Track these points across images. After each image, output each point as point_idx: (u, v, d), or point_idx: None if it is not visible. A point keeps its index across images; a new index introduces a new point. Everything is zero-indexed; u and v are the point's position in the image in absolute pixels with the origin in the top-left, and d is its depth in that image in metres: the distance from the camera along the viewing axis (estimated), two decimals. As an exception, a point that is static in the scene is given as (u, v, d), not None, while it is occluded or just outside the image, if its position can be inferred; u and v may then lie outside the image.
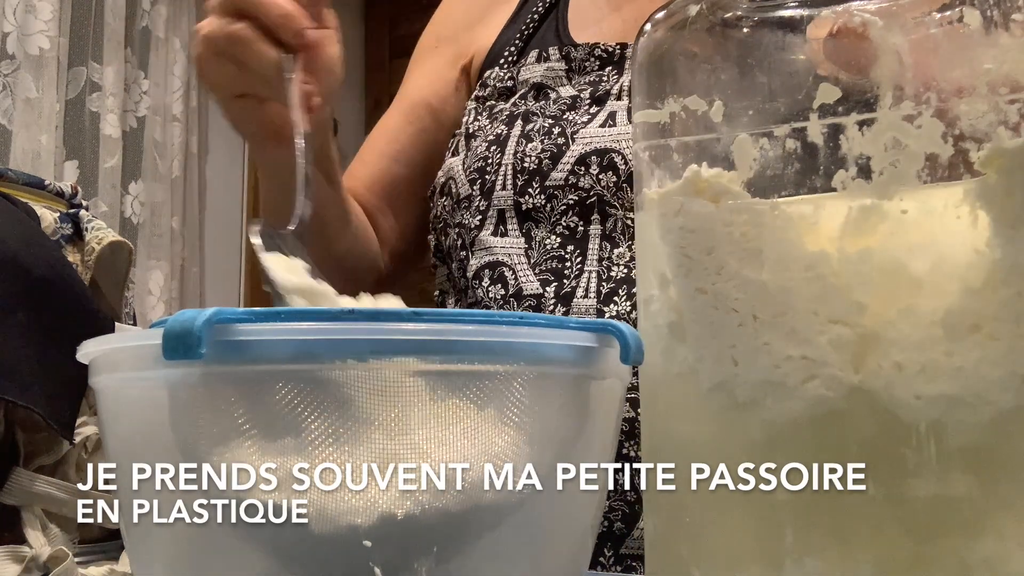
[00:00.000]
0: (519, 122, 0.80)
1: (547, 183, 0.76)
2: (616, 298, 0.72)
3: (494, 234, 0.78)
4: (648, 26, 0.44)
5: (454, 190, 0.82)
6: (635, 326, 0.40)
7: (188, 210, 3.01)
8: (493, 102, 0.84)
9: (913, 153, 0.37)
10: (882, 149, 0.38)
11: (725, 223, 0.40)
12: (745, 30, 0.42)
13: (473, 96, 0.87)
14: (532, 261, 0.76)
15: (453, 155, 0.85)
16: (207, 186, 3.11)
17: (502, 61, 0.86)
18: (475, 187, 0.79)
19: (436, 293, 0.89)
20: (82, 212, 0.71)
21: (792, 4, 0.41)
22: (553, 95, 0.81)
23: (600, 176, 0.74)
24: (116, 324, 0.64)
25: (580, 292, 0.73)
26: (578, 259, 0.74)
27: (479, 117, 0.84)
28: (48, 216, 0.68)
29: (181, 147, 2.95)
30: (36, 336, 0.56)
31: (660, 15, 0.44)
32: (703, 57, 0.43)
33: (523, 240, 0.77)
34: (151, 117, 2.90)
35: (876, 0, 0.39)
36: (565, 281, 0.74)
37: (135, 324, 0.75)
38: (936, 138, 0.37)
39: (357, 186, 0.89)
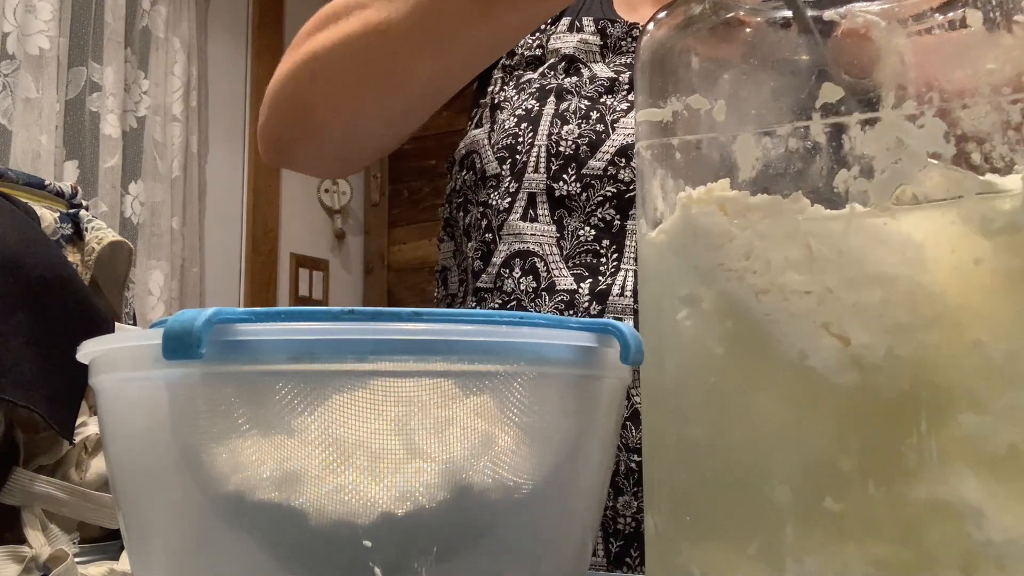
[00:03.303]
0: (552, 99, 0.76)
1: (584, 171, 0.73)
2: None
3: (523, 218, 0.74)
4: (651, 25, 0.44)
5: (479, 165, 0.78)
6: None
7: (188, 210, 3.01)
8: (520, 71, 0.80)
9: (915, 153, 0.37)
10: (884, 149, 0.38)
11: (728, 232, 0.39)
12: (748, 29, 0.42)
13: (499, 64, 0.83)
14: (565, 253, 0.73)
15: (476, 127, 0.81)
16: (207, 186, 3.11)
17: None
18: (504, 166, 0.76)
19: (438, 268, 0.86)
20: (82, 212, 0.71)
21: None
22: (586, 72, 0.77)
23: None
24: (116, 324, 0.64)
25: (616, 290, 0.71)
26: (614, 255, 0.71)
27: (505, 87, 0.80)
28: (48, 216, 0.67)
29: (181, 147, 2.95)
30: (36, 336, 0.56)
31: (663, 14, 0.44)
32: (706, 56, 0.42)
33: (554, 228, 0.73)
34: (151, 117, 2.90)
35: (879, 1, 0.39)
36: (600, 278, 0.71)
37: (135, 324, 0.75)
38: (939, 138, 0.37)
39: None
